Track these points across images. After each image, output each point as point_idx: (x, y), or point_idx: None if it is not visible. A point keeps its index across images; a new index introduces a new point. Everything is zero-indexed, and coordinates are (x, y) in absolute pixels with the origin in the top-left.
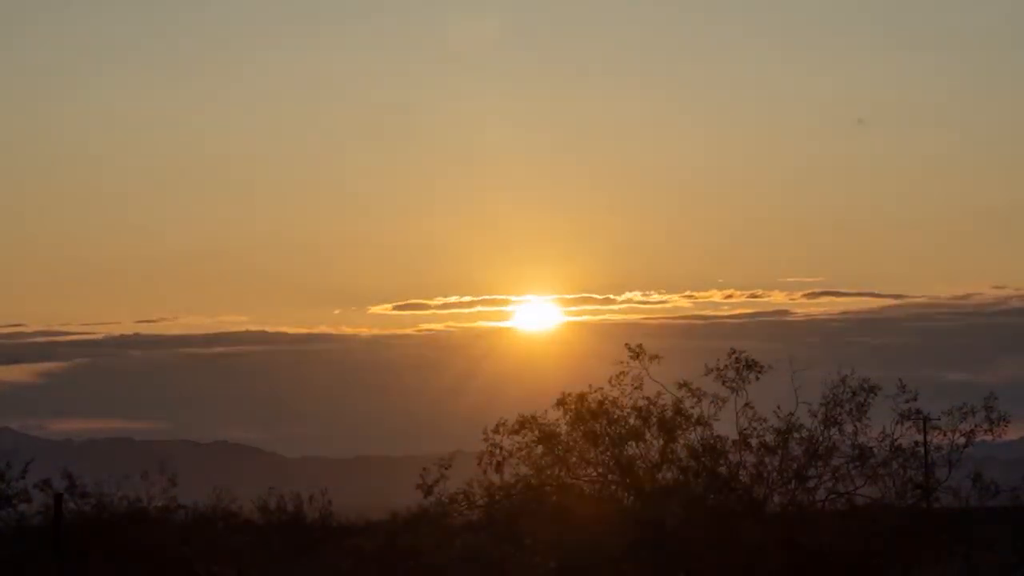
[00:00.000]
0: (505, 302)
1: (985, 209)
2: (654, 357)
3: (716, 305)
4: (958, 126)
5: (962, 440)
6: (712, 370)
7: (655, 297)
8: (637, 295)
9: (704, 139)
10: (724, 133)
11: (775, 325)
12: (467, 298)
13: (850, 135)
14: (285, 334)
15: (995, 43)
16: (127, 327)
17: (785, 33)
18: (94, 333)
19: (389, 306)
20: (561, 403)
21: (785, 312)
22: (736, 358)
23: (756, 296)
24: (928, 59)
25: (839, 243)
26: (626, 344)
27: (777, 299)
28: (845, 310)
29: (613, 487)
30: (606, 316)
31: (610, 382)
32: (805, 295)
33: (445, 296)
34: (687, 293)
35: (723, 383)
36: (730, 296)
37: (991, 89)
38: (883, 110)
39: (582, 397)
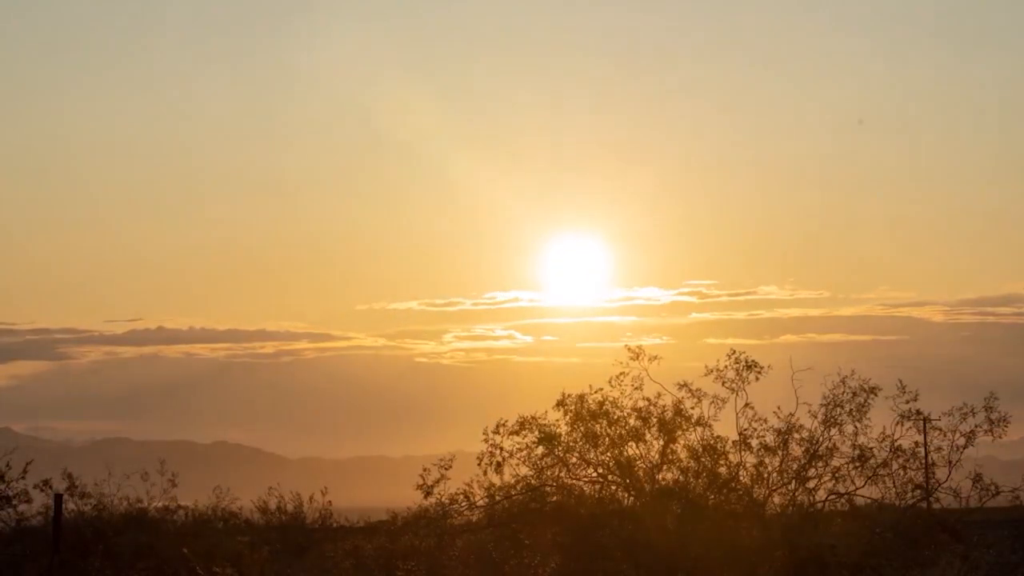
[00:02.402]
0: (539, 302)
1: None
2: (654, 358)
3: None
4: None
5: (962, 441)
6: (712, 371)
7: (710, 293)
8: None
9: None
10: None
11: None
12: (492, 295)
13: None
14: (299, 333)
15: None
16: (149, 322)
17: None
18: (104, 332)
19: (416, 302)
20: (561, 404)
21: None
22: (736, 359)
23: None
24: None
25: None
26: (625, 345)
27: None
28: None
29: (613, 487)
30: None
31: (610, 383)
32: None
33: (478, 293)
34: (744, 290)
35: (723, 384)
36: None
37: None
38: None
39: (582, 398)
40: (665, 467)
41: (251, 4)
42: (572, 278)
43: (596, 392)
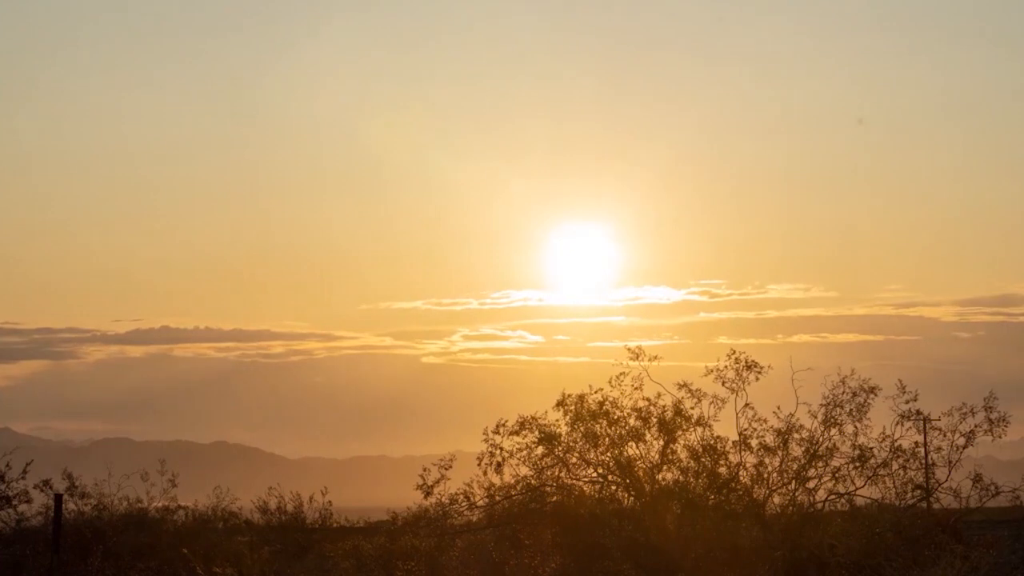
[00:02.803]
0: (547, 301)
1: None
2: (654, 358)
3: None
4: None
5: (962, 441)
6: (711, 371)
7: (720, 292)
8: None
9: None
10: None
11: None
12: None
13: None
14: (303, 334)
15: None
16: (153, 322)
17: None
18: (108, 332)
19: (422, 302)
20: (561, 404)
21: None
22: (735, 359)
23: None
24: None
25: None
26: (625, 345)
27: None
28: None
29: (613, 487)
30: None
31: (610, 383)
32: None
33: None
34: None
35: (723, 384)
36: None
37: None
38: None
39: (582, 398)
40: (665, 467)
41: (254, 8)
42: (582, 277)
43: (596, 392)
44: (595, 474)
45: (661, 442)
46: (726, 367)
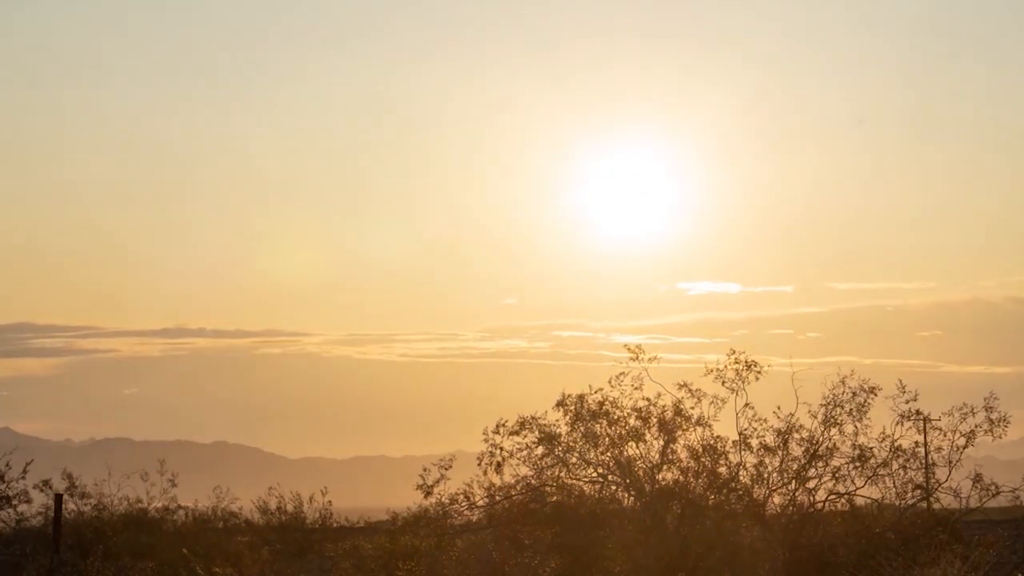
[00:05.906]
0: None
1: None
2: (653, 358)
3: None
4: None
5: (962, 441)
6: (712, 371)
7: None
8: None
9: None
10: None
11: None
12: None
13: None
14: (304, 332)
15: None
16: (154, 323)
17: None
18: (111, 329)
19: (426, 302)
20: (561, 404)
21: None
22: (735, 358)
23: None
24: None
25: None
26: (625, 345)
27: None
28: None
29: (613, 487)
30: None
31: (610, 383)
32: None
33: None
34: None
35: (723, 383)
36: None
37: None
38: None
39: (581, 398)
40: (665, 467)
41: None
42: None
43: (596, 392)
44: (595, 474)
45: (661, 442)
46: (726, 367)
